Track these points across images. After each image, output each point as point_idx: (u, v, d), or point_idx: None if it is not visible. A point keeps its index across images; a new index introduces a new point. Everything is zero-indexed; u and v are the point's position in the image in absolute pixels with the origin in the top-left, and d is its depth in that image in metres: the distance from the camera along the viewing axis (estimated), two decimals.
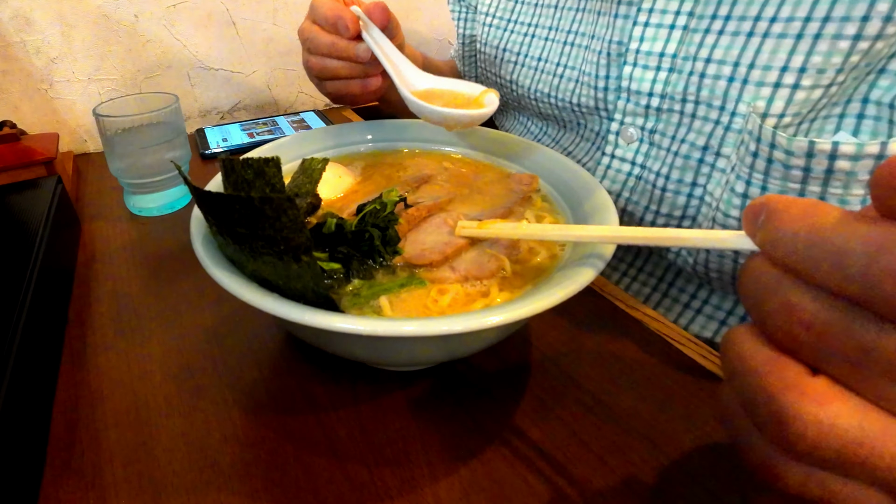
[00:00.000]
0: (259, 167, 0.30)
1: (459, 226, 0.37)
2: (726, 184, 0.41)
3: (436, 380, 0.37)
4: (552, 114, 0.58)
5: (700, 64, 0.42)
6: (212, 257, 0.30)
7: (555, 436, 0.33)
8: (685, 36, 0.43)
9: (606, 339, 0.40)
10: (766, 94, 0.38)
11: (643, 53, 0.46)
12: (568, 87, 0.54)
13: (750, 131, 0.38)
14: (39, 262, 0.41)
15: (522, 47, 0.59)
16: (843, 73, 0.35)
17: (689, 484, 0.30)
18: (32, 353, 0.35)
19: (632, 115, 0.48)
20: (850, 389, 0.15)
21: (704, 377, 0.37)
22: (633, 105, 0.47)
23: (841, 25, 0.35)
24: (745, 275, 0.18)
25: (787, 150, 0.35)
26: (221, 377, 0.37)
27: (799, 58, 0.36)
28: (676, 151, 0.45)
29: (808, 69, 0.36)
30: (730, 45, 0.40)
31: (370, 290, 0.33)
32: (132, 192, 0.59)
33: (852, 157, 0.33)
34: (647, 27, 0.45)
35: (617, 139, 0.49)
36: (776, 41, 0.38)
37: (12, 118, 0.72)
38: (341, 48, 0.50)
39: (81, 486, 0.31)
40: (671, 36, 0.44)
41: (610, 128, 0.50)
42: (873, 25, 0.34)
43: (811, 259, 0.15)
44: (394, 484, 0.30)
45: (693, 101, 0.43)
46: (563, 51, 0.54)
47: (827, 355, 0.15)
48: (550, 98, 0.56)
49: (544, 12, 0.57)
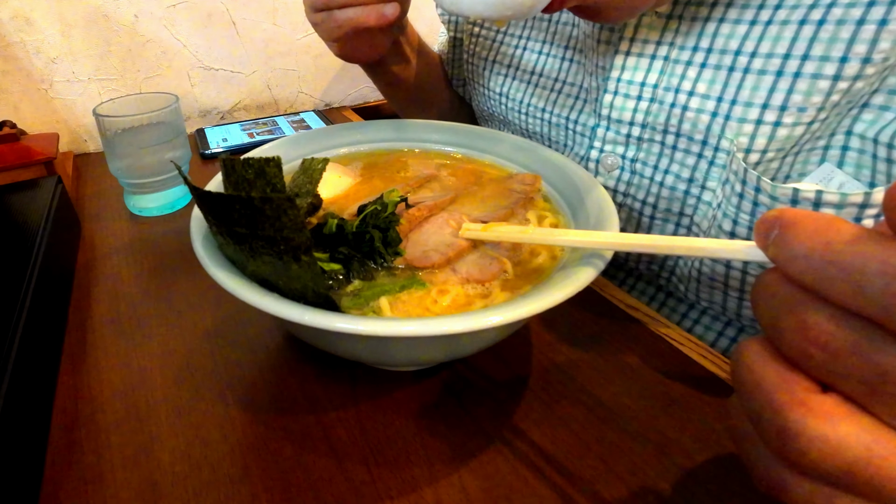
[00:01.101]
0: (260, 167, 0.30)
1: (464, 228, 0.37)
2: (713, 219, 0.41)
3: (436, 380, 0.37)
4: (539, 131, 0.56)
5: (683, 96, 0.41)
6: (212, 257, 0.30)
7: (555, 436, 0.33)
8: (666, 67, 0.43)
9: (607, 339, 0.40)
10: (748, 131, 0.38)
11: (624, 82, 0.45)
12: (566, 102, 0.52)
13: (735, 171, 0.38)
14: (39, 262, 0.41)
15: (514, 59, 0.57)
16: (825, 110, 0.36)
17: (690, 485, 0.30)
18: (32, 353, 0.35)
19: (612, 143, 0.47)
20: (862, 409, 0.15)
21: (706, 378, 0.37)
22: (614, 133, 0.47)
23: (820, 65, 0.35)
24: (759, 289, 0.18)
25: (772, 196, 0.35)
26: (221, 377, 0.37)
27: (780, 95, 0.36)
28: (661, 182, 0.45)
29: (788, 107, 0.36)
30: (712, 80, 0.40)
31: (370, 291, 0.33)
32: (132, 192, 0.59)
33: (836, 205, 0.33)
34: (629, 56, 0.45)
35: (597, 167, 0.49)
36: (757, 77, 0.38)
37: (12, 118, 0.72)
38: None
39: (81, 486, 0.31)
40: (652, 66, 0.44)
41: (590, 155, 0.49)
42: (852, 67, 0.34)
43: (827, 279, 0.15)
44: (394, 484, 0.30)
45: (674, 133, 0.43)
46: (561, 66, 0.53)
47: (841, 375, 0.15)
48: (545, 113, 0.54)
49: (537, 25, 0.56)
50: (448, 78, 0.73)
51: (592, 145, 0.49)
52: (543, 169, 0.46)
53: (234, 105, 0.90)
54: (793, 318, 0.16)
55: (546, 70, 0.54)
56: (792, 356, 0.16)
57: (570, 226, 0.39)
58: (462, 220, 0.38)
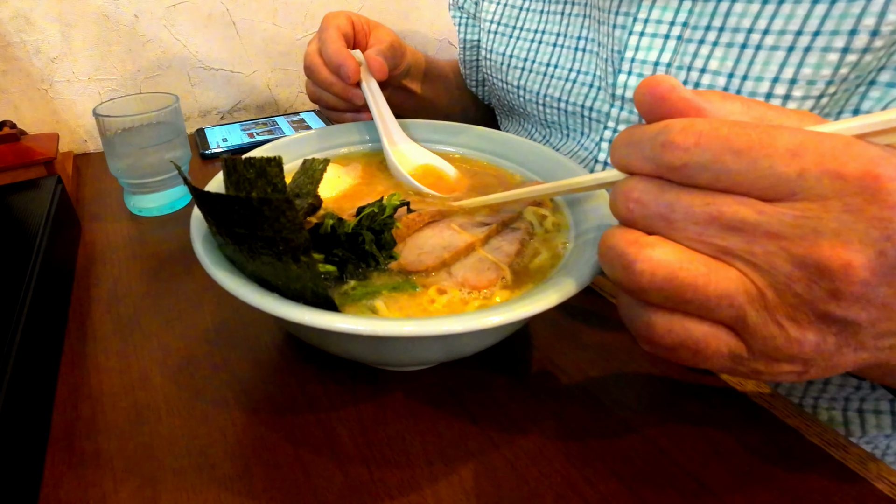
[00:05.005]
0: (261, 167, 0.30)
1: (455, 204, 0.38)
2: None
3: (436, 380, 0.37)
4: (558, 121, 0.58)
5: (695, 74, 0.42)
6: (212, 257, 0.30)
7: (555, 436, 0.33)
8: (679, 46, 0.44)
9: (607, 338, 0.40)
10: None
11: (638, 62, 0.46)
12: (581, 91, 0.54)
13: None
14: (39, 262, 0.41)
15: (530, 53, 0.59)
16: (834, 84, 0.36)
17: (689, 482, 0.30)
18: (32, 353, 0.35)
19: (626, 122, 0.48)
20: (671, 241, 0.22)
21: (708, 378, 0.37)
22: (628, 113, 0.48)
23: (830, 39, 0.36)
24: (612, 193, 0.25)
25: None
26: (221, 377, 0.37)
27: (790, 70, 0.37)
28: None
29: (798, 80, 0.37)
30: (724, 57, 0.41)
31: (360, 291, 0.33)
32: (132, 192, 0.59)
33: None
34: (643, 37, 0.46)
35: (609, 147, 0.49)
36: (768, 53, 0.38)
37: (12, 118, 0.72)
38: (338, 89, 0.53)
39: (81, 486, 0.31)
40: (666, 45, 0.45)
41: (603, 136, 0.50)
42: (861, 39, 0.35)
43: (626, 156, 0.23)
44: (394, 484, 0.30)
45: None
46: (574, 56, 0.55)
47: (651, 217, 0.22)
48: (561, 103, 0.56)
49: (551, 19, 0.57)
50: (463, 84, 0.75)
51: (606, 125, 0.50)
52: (543, 169, 0.46)
53: (234, 105, 0.90)
54: (618, 189, 0.24)
55: (561, 61, 0.56)
56: (624, 217, 0.23)
57: (571, 226, 0.39)
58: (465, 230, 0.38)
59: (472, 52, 0.71)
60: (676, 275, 0.21)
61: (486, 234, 0.38)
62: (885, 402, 0.46)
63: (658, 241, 0.22)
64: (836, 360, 0.22)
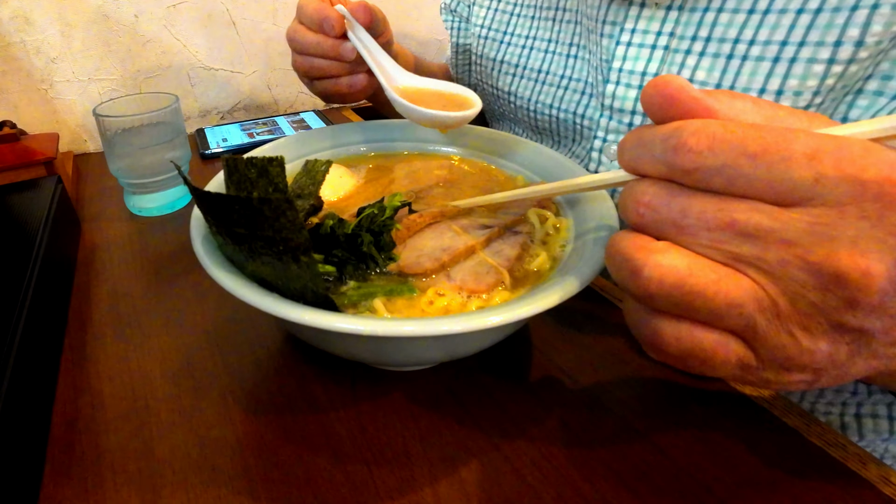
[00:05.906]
0: (263, 167, 0.30)
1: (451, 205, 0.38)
2: None
3: (436, 380, 0.37)
4: (548, 127, 0.57)
5: None
6: (212, 257, 0.30)
7: (555, 436, 0.33)
8: (667, 56, 0.44)
9: (607, 338, 0.40)
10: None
11: (625, 72, 0.46)
12: (573, 98, 0.54)
13: None
14: (39, 262, 0.41)
15: (521, 59, 0.59)
16: (820, 95, 0.36)
17: (688, 482, 0.30)
18: (32, 353, 0.35)
19: (615, 132, 0.48)
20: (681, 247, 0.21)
21: (708, 379, 0.37)
22: (616, 123, 0.48)
23: (815, 49, 0.36)
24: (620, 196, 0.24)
25: None
26: (221, 377, 0.37)
27: (776, 80, 0.38)
28: None
29: (785, 91, 0.37)
30: (711, 67, 0.41)
31: (358, 292, 0.33)
32: (132, 192, 0.59)
33: None
34: (630, 47, 0.46)
35: (600, 156, 0.50)
36: (754, 63, 0.39)
37: (12, 118, 0.72)
38: (327, 47, 0.50)
39: (81, 486, 0.31)
40: (653, 56, 0.45)
41: (593, 145, 0.50)
42: (846, 50, 0.35)
43: (637, 158, 0.22)
44: (394, 484, 0.30)
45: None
46: (566, 63, 0.54)
47: (662, 222, 0.21)
48: (552, 109, 0.56)
49: (542, 25, 0.57)
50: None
51: (596, 135, 0.50)
52: (544, 170, 0.46)
53: (234, 105, 0.90)
54: (626, 191, 0.23)
55: (552, 68, 0.56)
56: (633, 221, 0.23)
57: (572, 226, 0.39)
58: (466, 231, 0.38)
59: (465, 57, 0.71)
60: (685, 282, 0.20)
61: (487, 236, 0.38)
62: (882, 407, 0.46)
63: (667, 247, 0.21)
64: (847, 369, 0.21)
